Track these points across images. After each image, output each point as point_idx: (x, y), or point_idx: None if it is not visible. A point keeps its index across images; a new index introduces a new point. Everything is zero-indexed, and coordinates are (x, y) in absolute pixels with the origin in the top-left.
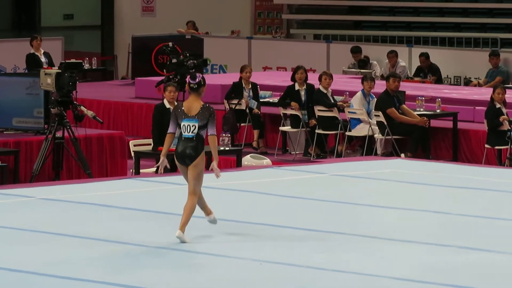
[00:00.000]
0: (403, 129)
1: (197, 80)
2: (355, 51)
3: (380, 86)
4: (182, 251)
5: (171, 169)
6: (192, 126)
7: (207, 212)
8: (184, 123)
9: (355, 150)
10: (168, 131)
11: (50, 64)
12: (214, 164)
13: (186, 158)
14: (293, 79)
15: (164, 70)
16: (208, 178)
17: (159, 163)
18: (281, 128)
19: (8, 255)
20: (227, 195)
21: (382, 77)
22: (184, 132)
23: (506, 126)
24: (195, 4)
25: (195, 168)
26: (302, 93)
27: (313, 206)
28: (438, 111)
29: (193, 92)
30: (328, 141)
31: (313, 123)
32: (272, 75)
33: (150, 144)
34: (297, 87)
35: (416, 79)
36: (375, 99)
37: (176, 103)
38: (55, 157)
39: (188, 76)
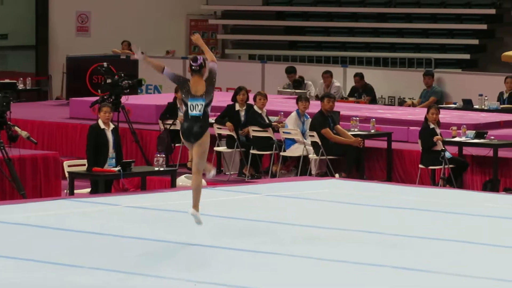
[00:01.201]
0: (337, 149)
1: (199, 62)
2: (290, 71)
3: (314, 107)
4: (116, 271)
5: (106, 190)
6: (200, 105)
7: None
8: (191, 103)
9: (289, 170)
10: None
11: None
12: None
13: (191, 136)
14: (234, 99)
15: (99, 91)
16: (143, 199)
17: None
18: (216, 148)
19: None
20: (161, 215)
21: (317, 97)
22: (191, 111)
23: (440, 146)
24: (130, 24)
25: (200, 147)
26: (242, 113)
27: (248, 227)
28: (372, 131)
29: (195, 73)
30: (262, 161)
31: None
32: None
33: (85, 165)
34: (237, 107)
35: (350, 99)
36: (310, 119)
37: (182, 77)
38: None
39: (190, 59)
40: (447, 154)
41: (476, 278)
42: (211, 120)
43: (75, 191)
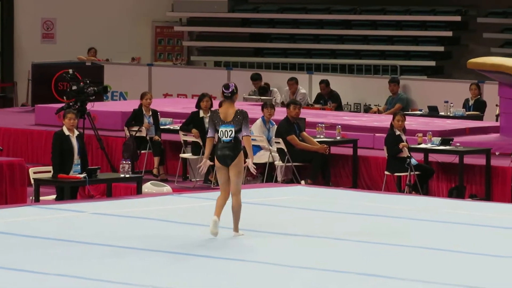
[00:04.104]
0: (303, 156)
1: (230, 89)
2: (256, 78)
3: (280, 113)
4: (81, 278)
5: (72, 196)
6: (229, 131)
7: (217, 213)
8: (221, 129)
9: (255, 177)
10: (208, 136)
11: None
12: (249, 161)
13: (227, 158)
14: (198, 106)
15: (64, 97)
16: (108, 206)
17: (202, 163)
18: (182, 155)
19: None
20: (127, 222)
21: (283, 104)
22: (223, 137)
23: (405, 153)
24: (95, 31)
25: (235, 167)
26: (206, 120)
27: None
28: (338, 138)
29: (227, 100)
30: None
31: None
32: (172, 102)
33: (50, 172)
34: (201, 114)
35: (316, 106)
36: (276, 126)
37: (211, 111)
38: None
39: (222, 86)
40: (413, 161)
41: (440, 284)
42: (176, 126)
43: (41, 198)
